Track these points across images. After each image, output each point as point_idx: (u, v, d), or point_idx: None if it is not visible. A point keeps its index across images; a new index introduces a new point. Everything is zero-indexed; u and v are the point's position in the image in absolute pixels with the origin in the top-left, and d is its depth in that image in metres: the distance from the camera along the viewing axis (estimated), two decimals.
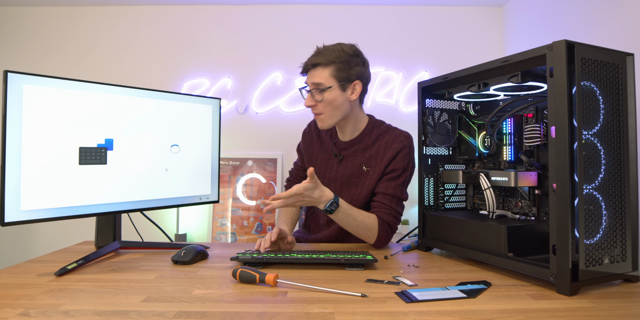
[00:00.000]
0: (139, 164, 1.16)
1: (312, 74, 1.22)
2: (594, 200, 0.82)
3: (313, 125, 1.47)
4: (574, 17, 2.16)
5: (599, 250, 0.82)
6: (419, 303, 0.76)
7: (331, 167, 1.36)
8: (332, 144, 1.37)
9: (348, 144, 1.33)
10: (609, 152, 0.85)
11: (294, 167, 1.56)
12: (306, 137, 1.47)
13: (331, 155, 1.37)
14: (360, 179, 1.30)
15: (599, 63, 0.84)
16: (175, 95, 1.25)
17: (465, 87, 1.13)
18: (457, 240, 1.08)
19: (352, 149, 1.33)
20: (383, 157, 1.27)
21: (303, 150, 1.47)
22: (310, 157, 1.43)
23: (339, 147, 1.35)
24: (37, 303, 0.75)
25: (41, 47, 2.97)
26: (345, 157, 1.34)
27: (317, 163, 1.40)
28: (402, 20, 3.02)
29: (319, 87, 1.20)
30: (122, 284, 0.88)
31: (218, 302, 0.76)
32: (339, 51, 1.22)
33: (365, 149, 1.31)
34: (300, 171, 1.52)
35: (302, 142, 1.48)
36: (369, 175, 1.29)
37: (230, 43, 2.98)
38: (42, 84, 0.99)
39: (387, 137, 1.30)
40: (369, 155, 1.30)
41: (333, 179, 1.35)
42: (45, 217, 0.99)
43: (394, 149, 1.26)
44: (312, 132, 1.46)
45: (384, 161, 1.27)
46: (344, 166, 1.33)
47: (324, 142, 1.41)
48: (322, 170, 1.38)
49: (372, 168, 1.29)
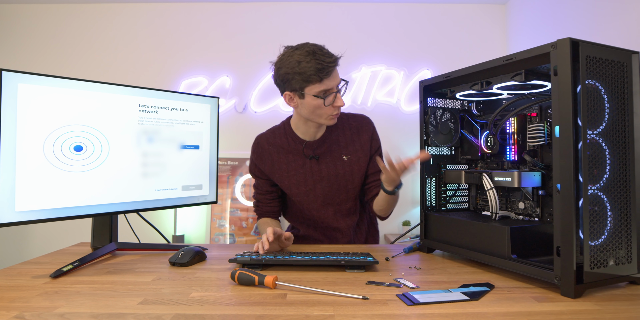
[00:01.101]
0: (135, 164, 1.16)
1: (336, 72, 1.21)
2: (598, 201, 0.82)
3: (265, 144, 1.39)
4: (578, 14, 2.16)
5: (604, 251, 0.82)
6: (420, 306, 0.76)
7: (310, 169, 1.34)
8: (302, 148, 1.34)
9: (319, 141, 1.35)
10: (614, 152, 0.84)
11: (259, 191, 1.45)
12: (263, 157, 1.38)
13: (305, 159, 1.34)
14: (346, 169, 1.35)
15: (604, 61, 0.84)
16: (173, 94, 1.25)
17: (468, 86, 1.13)
18: (460, 241, 1.08)
19: (325, 145, 1.35)
20: (360, 141, 1.35)
21: (267, 172, 1.39)
22: (280, 174, 1.36)
23: (311, 147, 1.34)
24: (32, 306, 0.75)
25: (36, 45, 2.97)
26: (321, 155, 1.35)
27: (291, 175, 1.35)
28: (403, 18, 3.02)
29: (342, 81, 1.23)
30: (119, 286, 0.88)
31: (216, 305, 0.76)
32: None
33: (338, 139, 1.36)
34: (267, 195, 1.43)
35: (261, 165, 1.39)
36: (353, 161, 1.35)
37: (228, 41, 2.98)
38: (37, 83, 0.99)
39: (351, 121, 1.38)
40: (345, 144, 1.36)
41: (318, 179, 1.34)
42: (40, 218, 0.99)
43: (367, 131, 1.37)
44: (268, 150, 1.38)
45: (363, 144, 1.35)
46: (324, 164, 1.34)
47: (290, 151, 1.35)
48: (302, 178, 1.34)
49: (353, 154, 1.35)
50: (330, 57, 1.17)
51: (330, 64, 1.16)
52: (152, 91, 1.20)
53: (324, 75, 1.16)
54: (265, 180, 1.42)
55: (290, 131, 1.37)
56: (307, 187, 1.35)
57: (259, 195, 1.46)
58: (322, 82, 1.17)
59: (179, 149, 1.26)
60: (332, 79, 1.19)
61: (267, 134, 1.41)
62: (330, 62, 1.16)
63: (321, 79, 1.17)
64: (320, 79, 1.17)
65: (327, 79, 1.18)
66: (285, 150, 1.36)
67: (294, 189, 1.36)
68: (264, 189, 1.44)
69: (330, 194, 1.36)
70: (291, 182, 1.36)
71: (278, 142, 1.38)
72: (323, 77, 1.17)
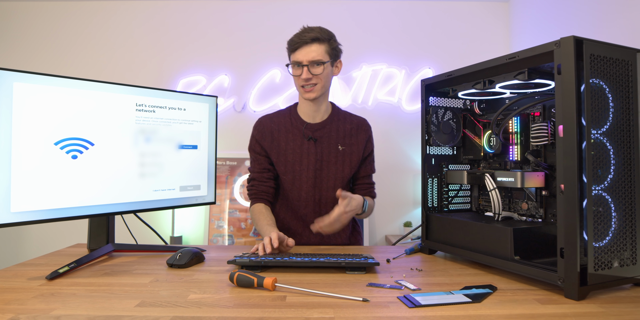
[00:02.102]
0: (132, 164, 1.16)
1: (310, 48, 1.33)
2: (603, 202, 0.82)
3: (268, 122, 1.47)
4: (582, 12, 2.16)
5: (608, 253, 0.82)
6: (422, 308, 0.76)
7: (307, 150, 1.43)
8: (303, 128, 1.44)
9: (320, 125, 1.45)
10: (619, 151, 0.84)
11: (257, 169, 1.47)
12: (264, 134, 1.45)
13: (303, 140, 1.43)
14: (339, 158, 1.44)
15: (608, 60, 0.84)
16: (170, 93, 1.25)
17: (470, 85, 1.13)
18: (462, 242, 1.08)
19: (324, 129, 1.45)
20: (357, 138, 1.46)
21: (266, 148, 1.44)
22: (278, 151, 1.43)
23: (311, 129, 1.44)
24: (27, 308, 0.75)
25: (32, 43, 2.97)
26: (319, 139, 1.44)
27: (289, 153, 1.43)
28: (403, 16, 3.02)
29: (320, 61, 1.33)
30: (116, 288, 0.87)
31: (215, 307, 0.76)
32: (328, 31, 1.38)
33: (338, 128, 1.46)
34: (266, 173, 1.46)
35: (262, 142, 1.45)
36: (347, 153, 1.45)
37: (227, 40, 2.98)
38: (33, 82, 0.99)
39: (353, 119, 1.50)
40: (343, 134, 1.46)
41: (312, 161, 1.42)
42: (36, 219, 0.99)
43: (364, 132, 1.48)
44: (269, 127, 1.46)
45: (359, 143, 1.46)
46: (320, 147, 1.43)
47: (290, 130, 1.45)
48: (298, 157, 1.43)
49: (348, 146, 1.45)
50: (305, 35, 1.32)
51: (300, 40, 1.32)
52: (150, 90, 1.20)
53: (293, 48, 1.35)
54: (264, 157, 1.47)
55: (295, 113, 1.48)
56: (301, 166, 1.42)
57: (255, 174, 1.47)
58: (294, 54, 1.35)
59: (177, 149, 1.26)
60: (301, 54, 1.33)
61: (270, 114, 1.53)
62: (301, 38, 1.33)
63: (292, 50, 1.36)
64: (292, 50, 1.36)
65: (297, 52, 1.34)
66: (286, 129, 1.46)
67: (289, 167, 1.43)
68: (262, 166, 1.46)
69: (320, 177, 1.43)
70: (287, 159, 1.43)
71: (281, 121, 1.47)
72: (293, 49, 1.35)
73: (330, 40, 1.36)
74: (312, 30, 1.34)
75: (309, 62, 1.33)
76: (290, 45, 1.36)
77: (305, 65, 1.33)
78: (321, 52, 1.34)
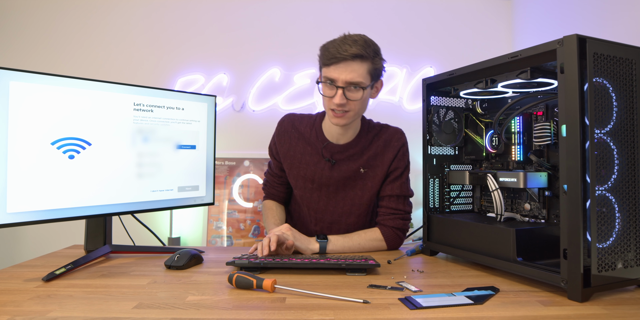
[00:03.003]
0: (130, 164, 1.16)
1: (350, 67, 1.10)
2: (606, 202, 0.82)
3: (289, 125, 1.36)
4: (586, 10, 2.16)
5: (612, 254, 0.82)
6: (423, 310, 0.76)
7: (321, 171, 1.30)
8: (321, 147, 1.29)
9: (342, 147, 1.29)
10: (623, 151, 0.85)
11: (270, 171, 1.45)
12: (283, 138, 1.35)
13: (320, 158, 1.30)
14: (359, 182, 1.30)
15: (612, 58, 0.84)
16: (168, 93, 1.25)
17: (472, 84, 1.13)
18: (464, 244, 1.08)
19: (347, 152, 1.29)
20: (383, 157, 1.29)
21: (280, 154, 1.36)
22: (292, 161, 1.34)
23: (331, 150, 1.29)
24: (23, 310, 0.75)
25: (28, 41, 2.97)
26: (338, 161, 1.29)
27: (302, 167, 1.32)
28: (404, 14, 3.03)
29: (360, 84, 1.12)
30: (113, 289, 0.88)
31: (213, 309, 0.76)
32: (374, 45, 1.15)
33: (362, 151, 1.30)
34: (276, 178, 1.43)
35: (279, 145, 1.36)
36: (369, 176, 1.29)
37: (226, 38, 2.98)
38: (29, 81, 0.99)
39: (384, 135, 1.32)
40: (367, 157, 1.29)
41: (325, 184, 1.30)
42: (32, 219, 0.99)
43: (393, 148, 1.30)
44: (290, 132, 1.35)
45: (385, 161, 1.29)
46: (337, 170, 1.29)
47: (309, 144, 1.32)
48: (310, 175, 1.31)
49: (372, 169, 1.29)
50: (347, 49, 1.09)
51: (340, 55, 1.09)
52: (148, 89, 1.20)
53: (329, 62, 1.12)
54: (277, 162, 1.39)
55: (319, 125, 1.33)
56: (313, 185, 1.32)
57: (268, 175, 1.46)
58: (328, 68, 1.13)
59: (175, 149, 1.26)
60: (338, 72, 1.11)
61: (296, 117, 1.38)
62: (341, 52, 1.09)
63: (326, 64, 1.13)
64: (326, 64, 1.13)
65: (332, 68, 1.12)
66: (305, 141, 1.33)
67: (299, 182, 1.33)
68: (274, 171, 1.43)
69: (335, 200, 1.32)
70: (299, 174, 1.32)
71: (302, 129, 1.34)
72: (328, 63, 1.12)
73: (375, 59, 1.14)
74: (356, 43, 1.11)
75: (346, 83, 1.12)
76: (326, 57, 1.13)
77: (341, 87, 1.12)
78: (362, 73, 1.11)
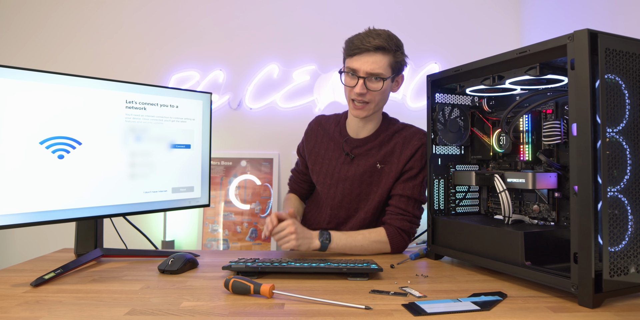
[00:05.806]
0: (122, 164, 1.16)
1: (372, 58, 1.21)
2: (619, 204, 0.82)
3: (317, 124, 1.50)
4: (597, 3, 2.16)
5: (625, 258, 0.82)
6: (428, 316, 0.76)
7: (341, 166, 1.38)
8: (342, 141, 1.39)
9: (362, 141, 1.37)
10: (636, 151, 0.85)
11: (296, 168, 1.60)
12: (310, 137, 1.49)
13: (341, 153, 1.39)
14: (374, 177, 1.35)
15: (625, 54, 0.84)
16: (162, 90, 1.25)
17: (479, 81, 1.13)
18: (470, 247, 1.08)
19: (365, 146, 1.37)
20: (400, 155, 1.33)
21: (306, 151, 1.49)
22: (316, 158, 1.45)
23: (351, 145, 1.39)
24: (11, 316, 0.75)
25: (15, 37, 2.97)
26: (357, 156, 1.37)
27: (324, 163, 1.42)
28: (408, 7, 3.03)
29: (380, 75, 1.23)
30: (104, 295, 0.88)
31: (209, 315, 0.76)
32: (396, 39, 1.26)
33: (381, 146, 1.36)
34: (301, 175, 1.56)
35: (306, 143, 1.50)
36: (384, 173, 1.34)
37: (222, 32, 2.98)
38: (16, 77, 0.99)
39: (404, 133, 1.37)
40: (385, 153, 1.35)
41: (343, 178, 1.37)
42: (20, 222, 0.99)
43: (412, 147, 1.32)
44: (316, 130, 1.49)
45: (401, 159, 1.32)
46: (355, 165, 1.36)
47: (333, 139, 1.43)
48: (330, 170, 1.40)
49: (388, 165, 1.34)
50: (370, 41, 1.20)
51: (362, 46, 1.20)
52: (140, 86, 1.21)
53: (352, 53, 1.23)
54: (303, 159, 1.52)
55: (344, 122, 1.44)
56: (332, 181, 1.39)
57: (294, 172, 1.60)
58: (351, 59, 1.24)
59: (169, 149, 1.26)
60: (360, 62, 1.22)
61: (325, 117, 1.53)
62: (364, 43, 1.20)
63: (350, 55, 1.24)
64: (349, 55, 1.24)
65: (354, 58, 1.23)
66: (329, 138, 1.44)
67: (320, 178, 1.42)
68: (300, 168, 1.56)
69: (350, 197, 1.36)
70: (321, 169, 1.42)
71: (327, 127, 1.47)
72: (351, 54, 1.23)
73: (397, 52, 1.24)
74: (379, 36, 1.21)
75: (367, 74, 1.22)
76: (349, 48, 1.24)
77: (362, 77, 1.22)
78: (383, 65, 1.22)
